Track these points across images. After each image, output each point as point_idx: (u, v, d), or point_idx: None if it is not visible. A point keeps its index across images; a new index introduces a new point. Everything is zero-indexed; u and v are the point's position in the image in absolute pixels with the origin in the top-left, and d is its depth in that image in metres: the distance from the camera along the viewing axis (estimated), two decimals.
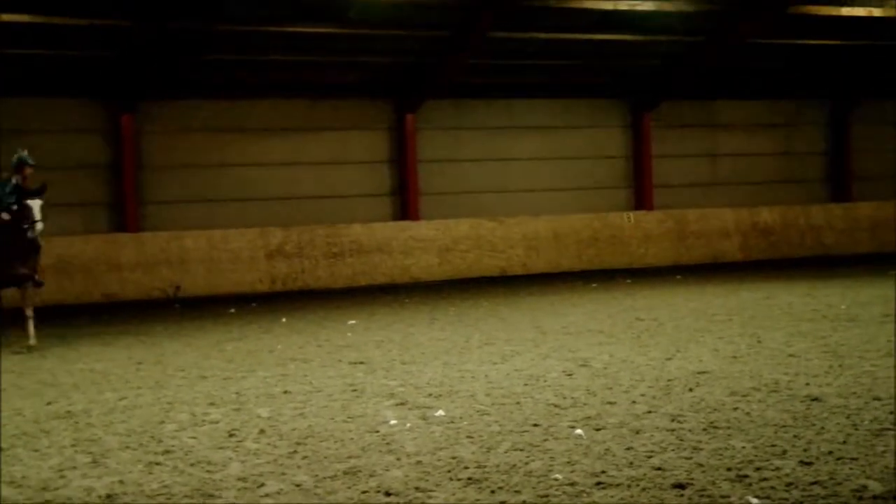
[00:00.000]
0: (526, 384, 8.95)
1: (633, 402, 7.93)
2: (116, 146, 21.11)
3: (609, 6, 21.61)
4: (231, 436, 7.36)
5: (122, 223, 21.03)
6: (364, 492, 5.77)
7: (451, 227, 22.98)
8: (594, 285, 19.73)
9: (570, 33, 22.28)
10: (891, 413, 7.05)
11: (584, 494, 5.54)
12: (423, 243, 22.51)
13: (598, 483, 5.72)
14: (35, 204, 12.81)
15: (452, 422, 7.50)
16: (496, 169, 24.40)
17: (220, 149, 22.15)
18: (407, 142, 23.14)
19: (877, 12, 23.63)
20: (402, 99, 23.13)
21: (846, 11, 23.45)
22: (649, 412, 7.51)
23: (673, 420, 7.19)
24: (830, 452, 6.10)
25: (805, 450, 6.20)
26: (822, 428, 6.73)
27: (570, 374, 9.37)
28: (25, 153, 13.26)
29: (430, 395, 8.64)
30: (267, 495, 5.80)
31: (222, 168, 22.11)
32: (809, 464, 5.89)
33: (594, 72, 24.49)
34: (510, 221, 23.57)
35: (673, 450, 6.35)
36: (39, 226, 12.81)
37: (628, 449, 6.43)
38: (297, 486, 5.95)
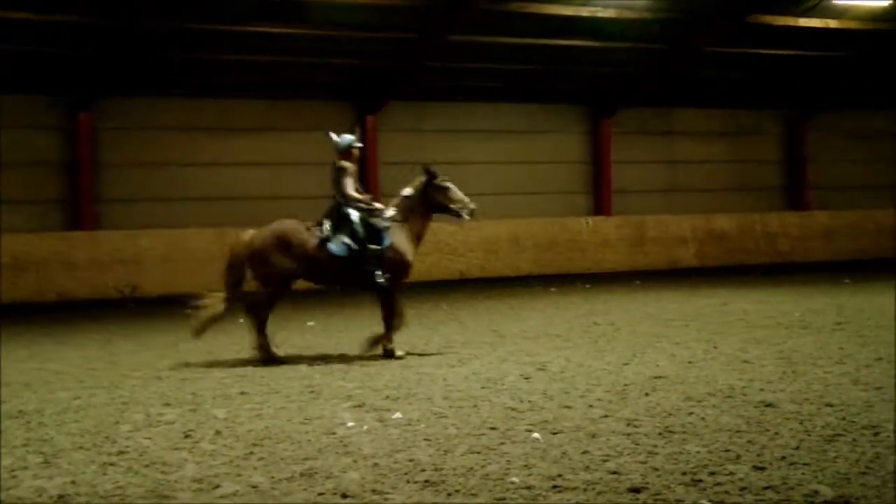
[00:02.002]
0: (483, 387, 8.96)
1: (590, 406, 7.97)
2: (73, 143, 20.92)
3: (571, 12, 21.72)
4: (187, 437, 7.31)
5: (76, 221, 20.83)
6: (321, 493, 5.75)
7: None
8: (552, 289, 19.79)
9: (532, 38, 22.37)
10: (842, 419, 7.14)
11: (541, 498, 5.56)
12: None
13: (555, 486, 5.74)
14: (453, 185, 11.63)
15: (410, 424, 7.50)
16: (457, 172, 24.16)
17: (179, 147, 22.02)
18: (367, 144, 23.11)
19: (833, 24, 23.94)
20: (364, 101, 23.10)
21: (803, 22, 23.73)
22: (606, 416, 7.54)
23: (629, 424, 7.23)
24: (783, 458, 6.16)
25: (758, 455, 6.25)
26: (776, 433, 6.80)
27: (527, 378, 9.39)
28: (354, 136, 11.49)
29: (388, 397, 8.63)
30: (223, 497, 5.76)
31: (180, 167, 21.98)
32: (763, 469, 5.94)
33: (555, 77, 24.60)
34: (469, 225, 23.55)
35: (629, 454, 6.39)
36: (473, 205, 11.55)
37: (584, 453, 6.45)
38: (254, 487, 5.92)
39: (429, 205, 11.55)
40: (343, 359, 11.05)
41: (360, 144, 11.65)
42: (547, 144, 25.37)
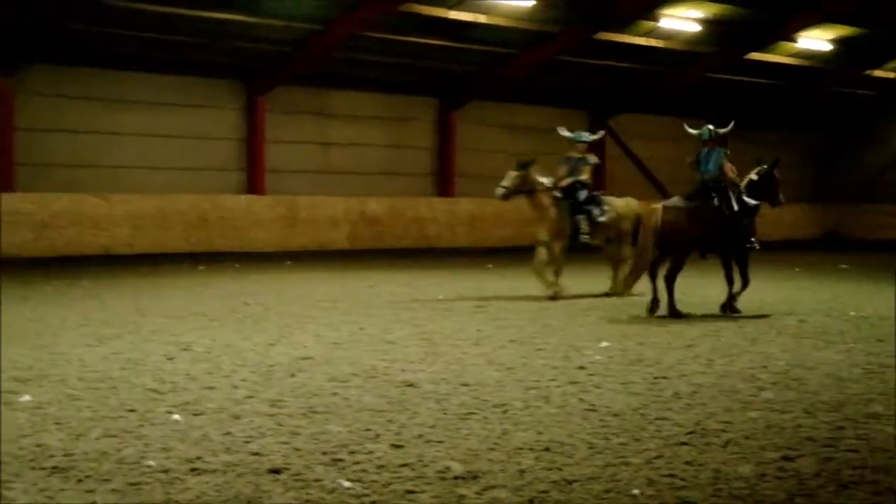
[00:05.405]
0: (123, 368, 8.62)
1: (234, 387, 7.86)
2: None
3: None
4: None
5: None
6: None
7: (49, 202, 21.71)
8: (201, 268, 19.42)
9: (186, 9, 21.76)
10: (476, 398, 7.47)
11: (178, 481, 5.40)
12: (17, 217, 21.07)
13: (193, 469, 5.60)
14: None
15: (40, 407, 7.06)
16: (103, 143, 23.36)
17: None
18: (1, 108, 21.56)
19: (482, 19, 25.04)
20: None
21: (453, 15, 24.65)
22: (250, 397, 7.47)
23: (273, 405, 7.20)
24: (420, 436, 6.35)
25: (397, 433, 6.41)
26: (415, 412, 7.00)
27: (170, 359, 9.13)
28: (725, 128, 13.24)
29: (16, 379, 8.08)
30: None
31: None
32: (400, 447, 6.09)
33: (211, 50, 24.08)
34: (115, 198, 22.66)
35: (271, 435, 6.35)
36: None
37: (226, 434, 6.35)
38: None
39: (764, 188, 13.33)
40: None
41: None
42: (201, 119, 24.80)
